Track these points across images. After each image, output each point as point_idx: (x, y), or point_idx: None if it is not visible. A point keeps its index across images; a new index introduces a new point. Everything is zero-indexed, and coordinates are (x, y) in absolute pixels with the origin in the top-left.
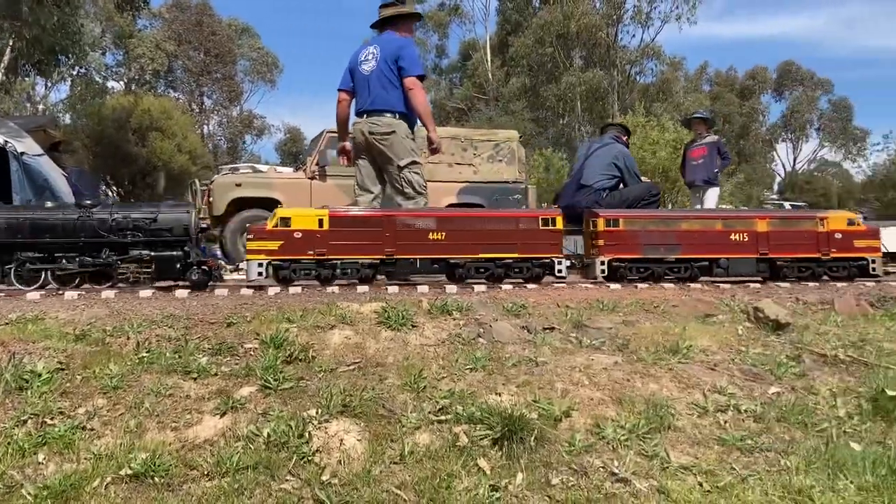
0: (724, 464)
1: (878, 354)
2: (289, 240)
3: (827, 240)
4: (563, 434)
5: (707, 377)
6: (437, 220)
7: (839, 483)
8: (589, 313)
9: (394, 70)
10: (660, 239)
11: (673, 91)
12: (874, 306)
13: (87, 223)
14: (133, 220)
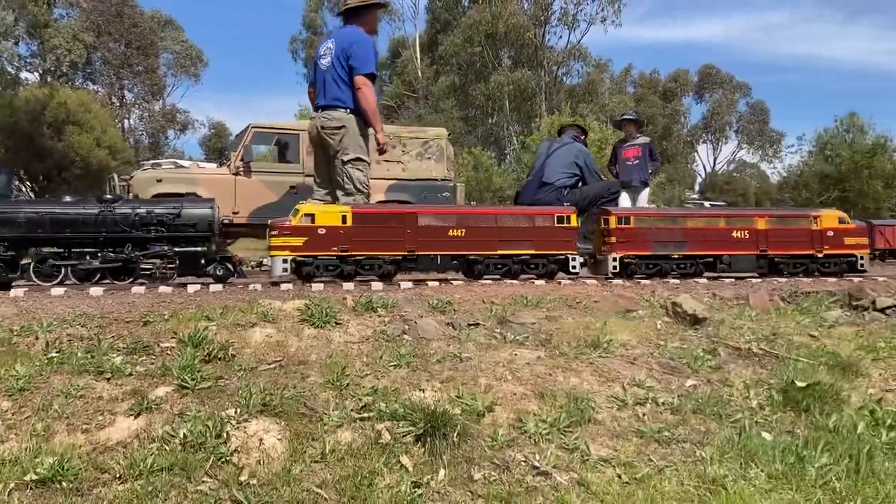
0: (642, 455)
1: (788, 347)
2: (313, 236)
3: (820, 238)
4: (486, 429)
5: (627, 371)
6: (458, 217)
7: (751, 472)
8: (513, 309)
9: (346, 66)
10: (668, 236)
11: (599, 92)
12: (786, 301)
13: (110, 218)
14: (157, 215)
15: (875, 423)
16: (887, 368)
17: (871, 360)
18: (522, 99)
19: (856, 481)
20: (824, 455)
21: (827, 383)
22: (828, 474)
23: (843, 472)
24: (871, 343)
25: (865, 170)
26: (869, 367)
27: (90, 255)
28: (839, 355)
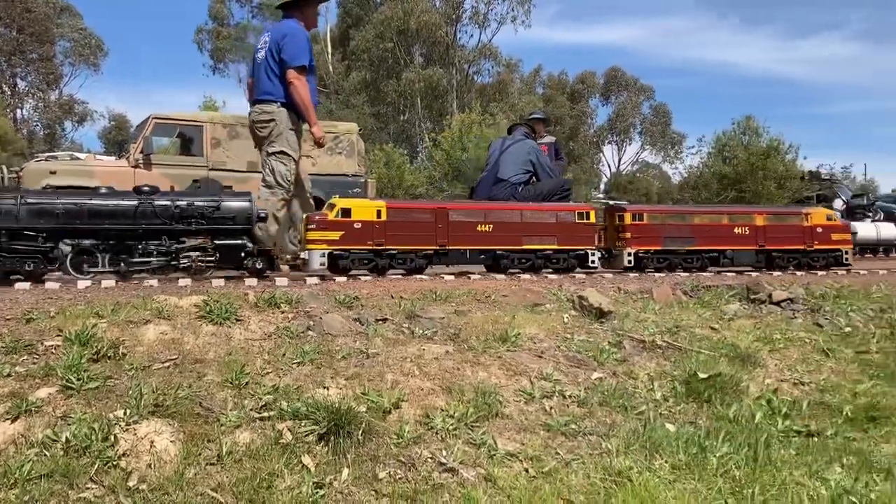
0: (549, 449)
1: (690, 340)
2: (349, 230)
3: (811, 233)
4: (393, 426)
5: (534, 364)
6: (486, 212)
7: (655, 463)
8: (422, 304)
9: (277, 60)
10: (677, 232)
11: (509, 92)
12: (688, 295)
13: (149, 210)
14: (197, 207)
15: (772, 413)
16: (783, 359)
17: (767, 351)
18: (434, 96)
19: (754, 469)
20: (725, 445)
21: (727, 374)
22: (728, 463)
23: (743, 461)
24: (768, 335)
25: (760, 171)
26: (766, 357)
27: (129, 248)
28: (738, 347)
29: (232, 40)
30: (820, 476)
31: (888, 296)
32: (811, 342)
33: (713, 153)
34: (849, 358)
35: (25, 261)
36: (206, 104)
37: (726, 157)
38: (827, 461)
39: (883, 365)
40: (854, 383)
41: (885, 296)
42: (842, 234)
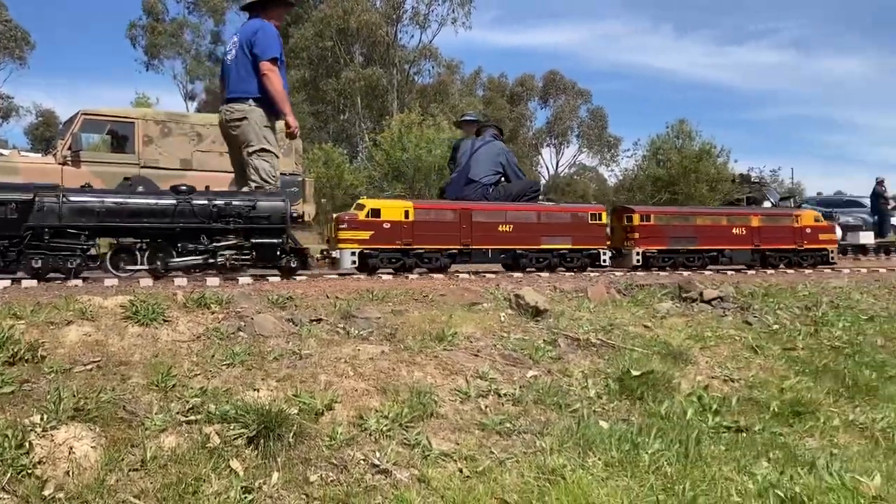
0: (483, 448)
1: (624, 337)
2: (379, 230)
3: (801, 234)
4: (325, 428)
5: (470, 363)
6: (506, 213)
7: (589, 460)
8: (359, 304)
9: (249, 56)
10: (682, 232)
11: (449, 93)
12: (622, 293)
13: (188, 209)
14: (234, 207)
15: (702, 409)
16: (713, 356)
17: (699, 348)
18: (374, 96)
19: (685, 465)
20: (657, 441)
21: (659, 371)
22: (660, 460)
23: (674, 457)
24: (699, 332)
25: (693, 173)
26: (697, 355)
27: (167, 246)
28: (670, 344)
29: (167, 36)
30: (748, 471)
31: (813, 294)
32: (741, 339)
33: (648, 156)
34: (776, 354)
35: (67, 258)
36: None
37: (660, 159)
38: (755, 456)
39: (808, 361)
40: (781, 379)
41: (811, 294)
42: (828, 235)
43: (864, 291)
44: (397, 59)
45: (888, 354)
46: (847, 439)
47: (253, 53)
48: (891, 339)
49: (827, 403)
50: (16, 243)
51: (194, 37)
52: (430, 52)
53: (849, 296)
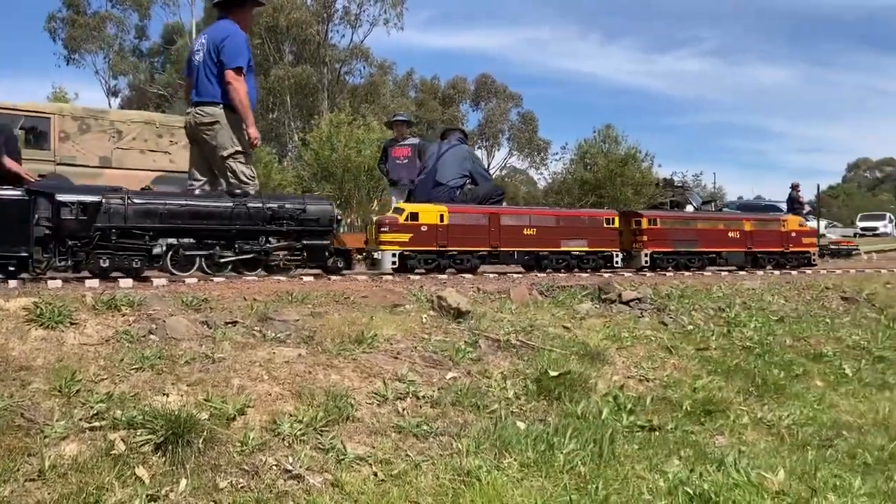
0: (399, 451)
1: (543, 338)
2: (417, 232)
3: (787, 238)
4: (237, 433)
5: (389, 366)
6: (530, 217)
7: (505, 461)
8: (277, 306)
9: (216, 61)
10: (684, 236)
11: (381, 94)
12: (543, 295)
13: (244, 212)
14: (287, 210)
15: (618, 409)
16: (629, 356)
17: (616, 348)
18: (304, 95)
19: (599, 464)
20: (572, 441)
21: (577, 372)
22: (574, 459)
23: (588, 457)
24: (617, 333)
25: (618, 177)
26: (614, 355)
27: (223, 247)
28: (588, 345)
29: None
30: (659, 469)
31: (727, 296)
32: (656, 340)
33: (575, 160)
34: (690, 354)
35: (133, 258)
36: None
37: (587, 163)
38: (666, 454)
39: (720, 361)
40: (694, 379)
41: (725, 296)
42: (810, 238)
43: (776, 293)
44: (328, 58)
45: (795, 354)
46: (755, 436)
47: (220, 60)
48: (799, 339)
49: (737, 402)
50: (85, 243)
51: (118, 31)
52: (362, 52)
53: (761, 297)
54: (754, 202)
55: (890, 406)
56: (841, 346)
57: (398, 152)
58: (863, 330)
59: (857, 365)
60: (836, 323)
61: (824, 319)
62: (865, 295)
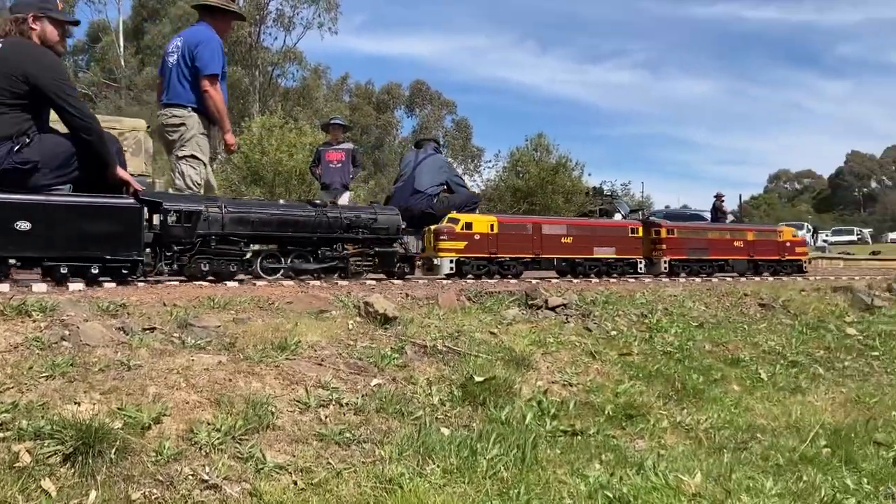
0: (321, 459)
1: (470, 344)
2: (471, 241)
3: (783, 247)
4: (151, 443)
5: (313, 373)
6: (567, 226)
7: (428, 468)
8: (197, 312)
9: (190, 66)
10: (698, 245)
11: (314, 97)
12: (471, 301)
13: (324, 221)
14: (361, 219)
15: (541, 414)
16: (554, 362)
17: (541, 354)
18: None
19: (521, 469)
20: (495, 447)
21: (502, 377)
22: (497, 465)
23: (511, 462)
24: (542, 339)
25: (549, 185)
26: (539, 360)
27: (306, 253)
28: (514, 350)
29: None
30: (581, 473)
31: (650, 302)
32: (581, 345)
33: (508, 167)
34: (613, 360)
35: (229, 263)
36: None
37: (519, 171)
38: (588, 458)
39: (642, 366)
40: (616, 383)
41: (648, 302)
42: (802, 248)
43: (696, 300)
44: (260, 60)
45: (714, 359)
46: (674, 440)
47: (194, 66)
48: (717, 344)
49: (657, 406)
50: (188, 248)
51: None
52: (295, 56)
53: (682, 303)
54: (680, 211)
55: (802, 409)
56: (757, 351)
57: (332, 156)
58: (778, 335)
59: (772, 369)
60: (753, 329)
61: (742, 325)
62: (781, 301)
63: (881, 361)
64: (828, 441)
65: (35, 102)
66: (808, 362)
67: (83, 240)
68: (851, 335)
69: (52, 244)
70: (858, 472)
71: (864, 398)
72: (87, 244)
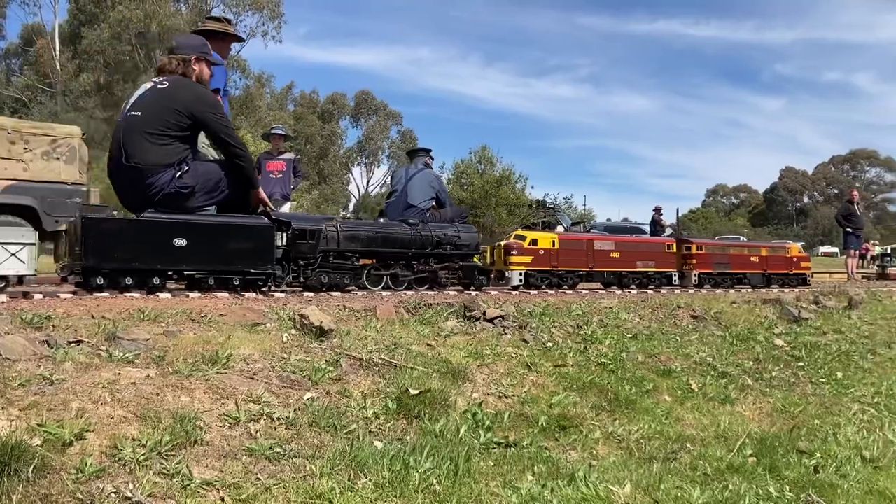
0: (249, 475)
1: (407, 356)
2: (536, 255)
3: (791, 262)
4: (73, 460)
5: (244, 387)
6: (615, 243)
7: (359, 482)
8: (127, 324)
9: None
10: (722, 259)
11: (257, 106)
12: (409, 313)
13: (418, 238)
14: (448, 237)
15: (476, 426)
16: (490, 374)
17: (477, 366)
18: None
19: (454, 482)
20: (429, 460)
21: (437, 390)
22: (430, 478)
23: (444, 475)
24: (479, 350)
25: (493, 197)
26: (475, 372)
27: (402, 267)
28: (451, 363)
29: None
30: (513, 485)
31: (585, 314)
32: (517, 357)
33: (452, 179)
34: (548, 371)
35: (344, 275)
36: None
37: (464, 183)
38: (521, 470)
39: (576, 377)
40: (551, 395)
41: (583, 313)
42: (807, 263)
43: (631, 311)
44: None
45: (647, 370)
46: (605, 451)
47: None
48: (650, 355)
49: (590, 417)
50: (311, 263)
51: None
52: (238, 64)
53: (617, 315)
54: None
55: (730, 419)
56: (689, 362)
57: (273, 166)
58: (709, 347)
59: (703, 380)
60: (684, 340)
61: (674, 337)
62: (713, 313)
63: (806, 372)
64: (754, 450)
65: (193, 134)
66: (737, 373)
67: (229, 255)
68: (779, 346)
69: (204, 259)
70: (781, 480)
71: (789, 408)
72: (231, 259)
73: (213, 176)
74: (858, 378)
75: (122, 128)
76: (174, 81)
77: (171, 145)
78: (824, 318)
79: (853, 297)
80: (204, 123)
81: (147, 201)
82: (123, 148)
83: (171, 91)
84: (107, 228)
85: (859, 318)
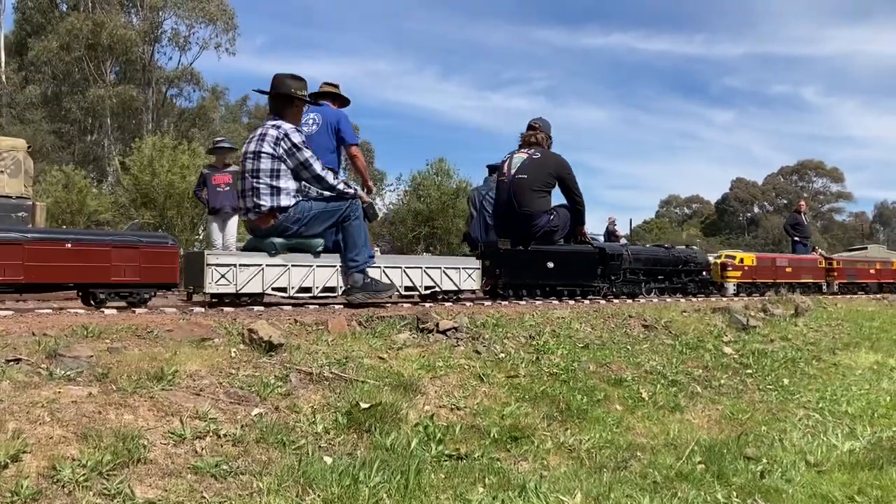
0: (194, 493)
1: (358, 370)
2: (743, 271)
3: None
4: (8, 482)
5: (190, 403)
6: (789, 261)
7: (307, 498)
8: (69, 341)
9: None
10: (851, 272)
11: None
12: (362, 326)
13: (672, 258)
14: (690, 257)
15: (427, 439)
16: (443, 386)
17: (429, 378)
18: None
19: (404, 496)
20: (379, 474)
21: (388, 403)
22: (380, 493)
23: (394, 489)
24: (432, 363)
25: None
26: (427, 385)
27: (662, 280)
28: (403, 375)
29: None
30: (464, 497)
31: (538, 324)
32: (469, 368)
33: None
34: (500, 382)
35: (633, 286)
36: None
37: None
38: (472, 482)
39: (528, 388)
40: (503, 406)
41: (536, 324)
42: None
43: (583, 321)
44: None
45: (598, 380)
46: (557, 461)
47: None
48: (602, 365)
49: (542, 428)
50: (616, 279)
51: None
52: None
53: (569, 325)
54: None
55: (680, 427)
56: (639, 371)
57: (219, 179)
58: (659, 356)
59: (653, 389)
60: (636, 349)
61: (626, 346)
62: (663, 322)
63: (754, 379)
64: (702, 457)
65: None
66: (687, 381)
67: (574, 273)
68: (728, 354)
69: (562, 275)
70: (729, 486)
71: (737, 414)
72: (576, 276)
73: (565, 218)
74: (804, 384)
75: (511, 185)
76: (542, 152)
77: (545, 198)
78: (772, 326)
79: (799, 304)
80: (565, 183)
81: (530, 237)
82: (516, 200)
83: (544, 160)
84: (515, 257)
85: (805, 326)
